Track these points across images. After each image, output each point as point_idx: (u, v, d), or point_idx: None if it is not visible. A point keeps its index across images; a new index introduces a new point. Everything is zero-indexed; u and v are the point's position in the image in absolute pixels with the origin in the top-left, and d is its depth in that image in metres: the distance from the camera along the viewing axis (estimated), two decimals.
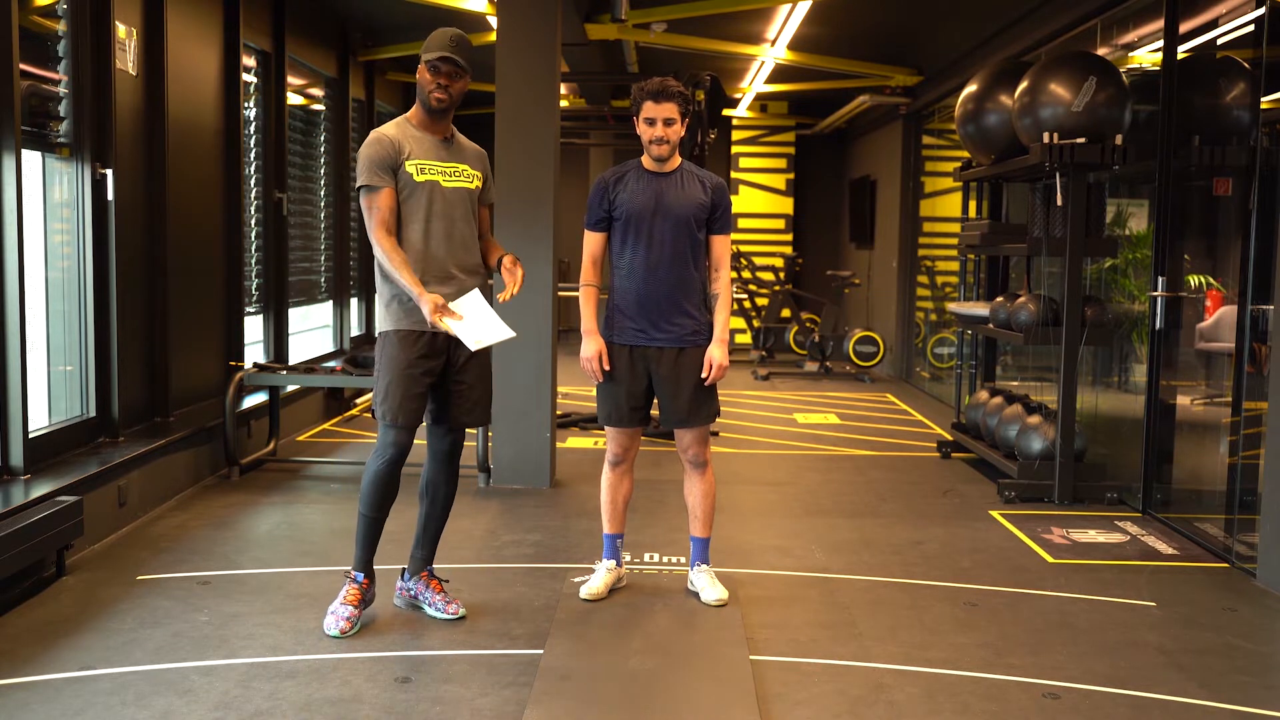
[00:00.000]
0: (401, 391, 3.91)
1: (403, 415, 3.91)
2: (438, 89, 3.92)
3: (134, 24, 5.76)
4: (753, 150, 14.61)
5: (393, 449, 3.95)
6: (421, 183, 3.92)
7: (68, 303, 5.41)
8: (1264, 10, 5.25)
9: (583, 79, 10.60)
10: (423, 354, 3.94)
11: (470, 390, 4.04)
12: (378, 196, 3.88)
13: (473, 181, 4.04)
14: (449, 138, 4.04)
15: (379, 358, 4.00)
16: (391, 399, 3.92)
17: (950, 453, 7.47)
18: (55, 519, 4.35)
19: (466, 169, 4.03)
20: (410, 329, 3.93)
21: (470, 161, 4.07)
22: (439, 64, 3.90)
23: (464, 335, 3.80)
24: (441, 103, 3.94)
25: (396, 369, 3.92)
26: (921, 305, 11.55)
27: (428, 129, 4.00)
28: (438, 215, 3.94)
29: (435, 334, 3.93)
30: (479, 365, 4.06)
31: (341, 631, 3.89)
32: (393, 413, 3.91)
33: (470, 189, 4.03)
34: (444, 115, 4.00)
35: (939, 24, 9.39)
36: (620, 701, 3.40)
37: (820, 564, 4.93)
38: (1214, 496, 5.84)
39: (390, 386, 3.93)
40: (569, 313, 10.06)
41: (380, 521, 4.03)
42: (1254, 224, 5.06)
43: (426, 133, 4.00)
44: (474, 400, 4.06)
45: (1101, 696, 3.53)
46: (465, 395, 4.04)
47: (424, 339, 3.94)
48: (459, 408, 4.04)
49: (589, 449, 7.48)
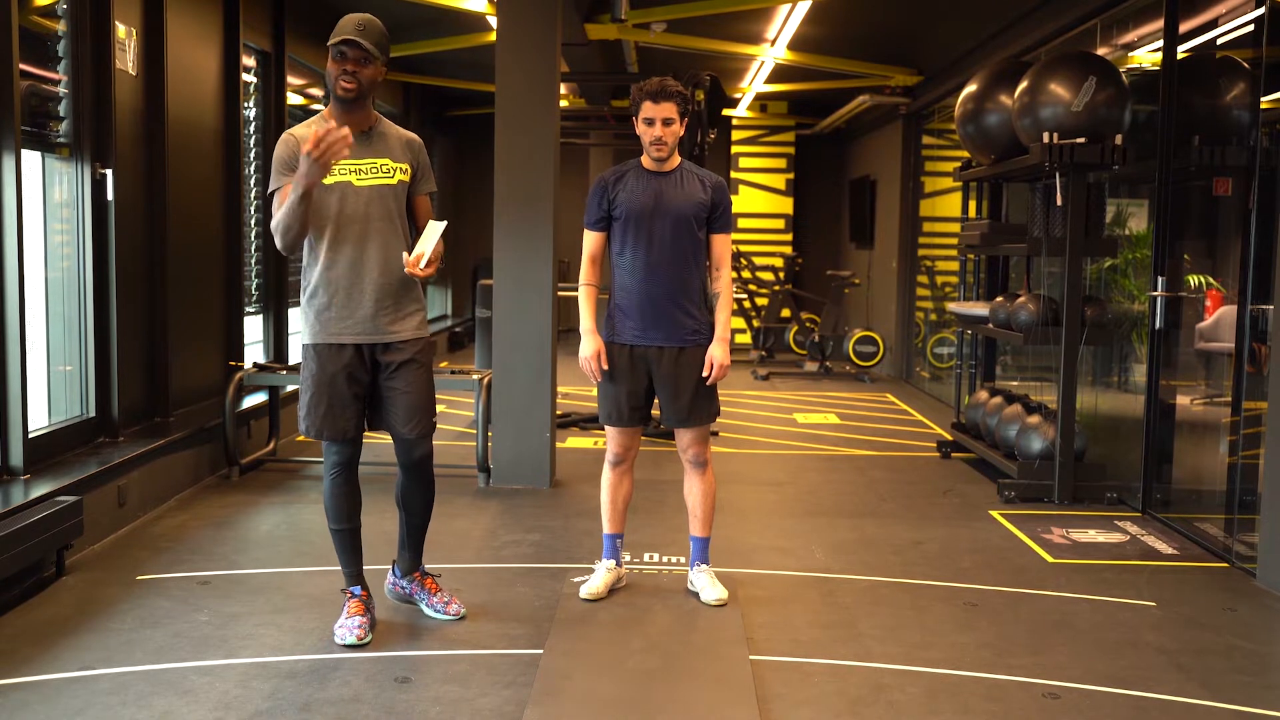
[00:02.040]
0: (324, 405, 3.80)
1: (327, 429, 3.81)
2: (344, 76, 3.69)
3: (134, 24, 5.76)
4: (752, 150, 14.61)
5: (333, 458, 3.88)
6: (331, 184, 3.71)
7: (67, 303, 5.41)
8: (1264, 10, 5.24)
9: (583, 79, 10.60)
10: (347, 365, 3.80)
11: (405, 397, 3.86)
12: (281, 197, 3.70)
13: (394, 176, 3.81)
14: (368, 130, 3.80)
15: (301, 372, 3.88)
16: (314, 414, 3.81)
17: (950, 453, 7.48)
18: (55, 519, 4.34)
19: (387, 163, 3.80)
20: (327, 342, 3.80)
21: (394, 154, 3.84)
22: (344, 49, 3.68)
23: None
24: (349, 91, 3.70)
25: (318, 383, 3.80)
26: (921, 305, 11.55)
27: (341, 124, 3.65)
28: (350, 219, 3.75)
29: (358, 346, 3.81)
30: (413, 370, 3.87)
31: (358, 639, 3.80)
32: (315, 428, 3.82)
33: (390, 184, 3.80)
34: (356, 105, 3.76)
35: (939, 24, 9.39)
36: (620, 701, 3.40)
37: (820, 564, 4.93)
38: (1214, 496, 5.84)
39: (312, 401, 3.81)
40: (569, 313, 10.05)
41: (351, 532, 3.95)
42: (1254, 224, 5.06)
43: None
44: (410, 407, 3.87)
45: (1102, 696, 3.53)
46: (400, 402, 3.86)
47: (347, 350, 3.79)
48: (396, 416, 3.88)
49: (589, 449, 7.48)
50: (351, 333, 3.80)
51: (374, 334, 3.82)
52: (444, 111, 13.48)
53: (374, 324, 3.81)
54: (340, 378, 3.80)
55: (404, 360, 3.86)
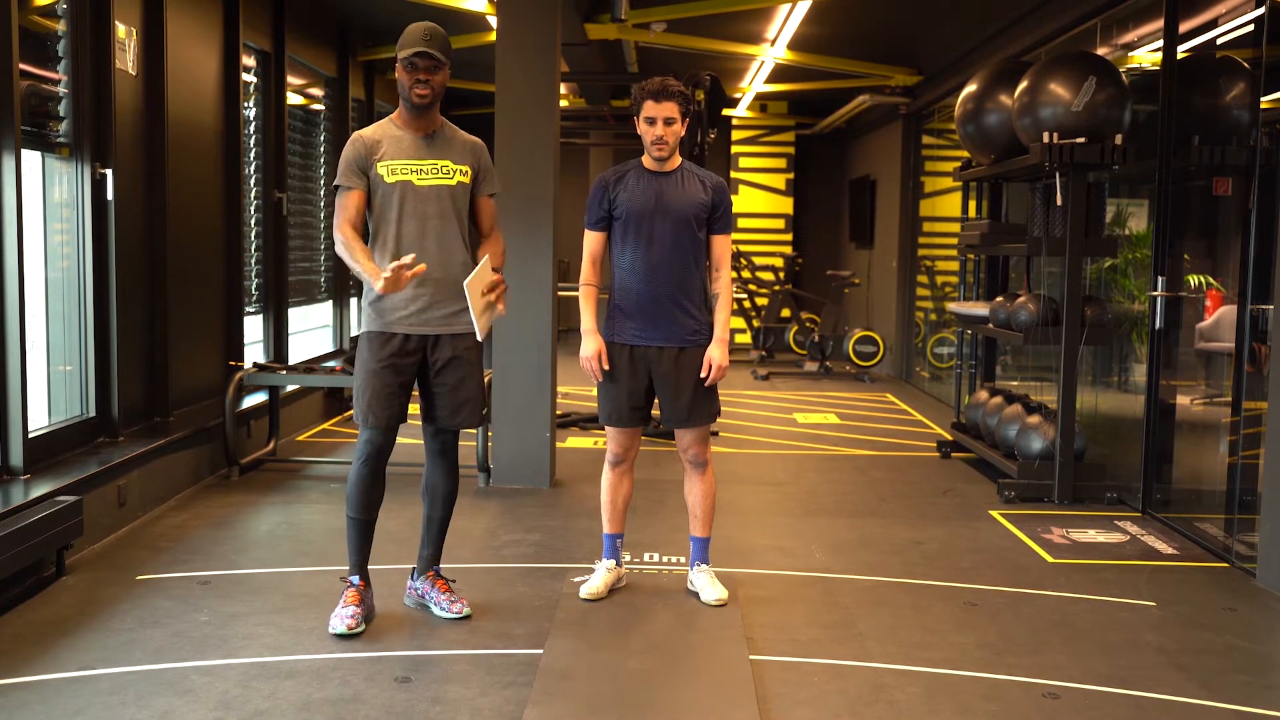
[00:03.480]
0: (371, 392, 3.92)
1: (372, 416, 3.92)
2: (418, 84, 3.91)
3: (134, 24, 5.76)
4: (753, 150, 14.61)
5: (368, 448, 3.97)
6: (393, 184, 3.91)
7: (67, 303, 5.41)
8: (1264, 10, 5.25)
9: (583, 79, 10.60)
10: (393, 354, 3.92)
11: (451, 393, 4.00)
12: (345, 197, 3.92)
13: (454, 177, 3.98)
14: (433, 134, 4.01)
15: (356, 359, 4.03)
16: (362, 400, 3.94)
17: (950, 453, 7.48)
18: (55, 519, 4.34)
19: (448, 164, 3.98)
20: (380, 330, 3.94)
21: (456, 156, 4.02)
22: (415, 60, 3.89)
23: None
24: (424, 98, 3.92)
25: (367, 370, 3.94)
26: (921, 305, 11.55)
27: (410, 126, 3.99)
28: (409, 216, 3.92)
29: (407, 335, 3.93)
30: (461, 367, 4.00)
31: (349, 628, 3.86)
32: (363, 413, 3.94)
33: (449, 185, 3.97)
34: (427, 110, 3.98)
35: (939, 24, 9.39)
36: (620, 701, 3.40)
37: (820, 564, 4.93)
38: (1214, 496, 5.85)
39: (362, 387, 3.94)
40: (569, 313, 10.05)
41: (367, 523, 4.03)
42: (1254, 224, 5.06)
43: (408, 130, 3.99)
44: (458, 402, 4.01)
45: (1102, 696, 3.53)
46: (446, 397, 4.01)
47: (395, 340, 3.93)
48: (441, 409, 4.02)
49: (589, 449, 7.48)
50: (404, 324, 3.93)
51: (423, 326, 3.95)
52: (444, 111, 13.43)
53: (424, 316, 3.95)
54: (387, 366, 3.92)
55: (452, 356, 3.98)
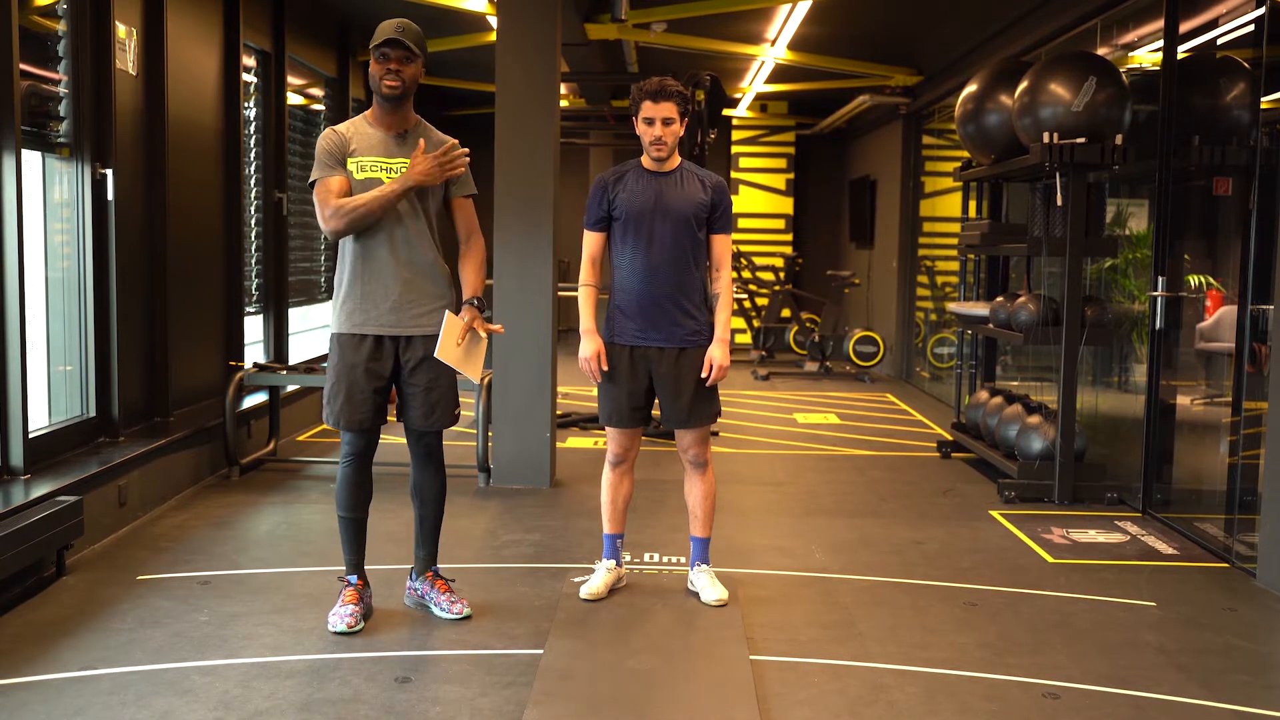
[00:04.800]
0: (343, 396, 3.90)
1: (344, 418, 3.91)
2: (389, 75, 3.86)
3: (134, 24, 5.76)
4: (753, 150, 14.61)
5: (347, 448, 3.98)
6: (362, 180, 3.87)
7: (68, 302, 5.41)
8: (1264, 10, 5.25)
9: (583, 79, 10.60)
10: (366, 358, 3.90)
11: (425, 394, 3.96)
12: (329, 181, 3.84)
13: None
14: (405, 132, 3.96)
15: (328, 362, 4.01)
16: (334, 403, 3.93)
17: (950, 453, 7.48)
18: (55, 519, 4.35)
19: None
20: (350, 332, 3.91)
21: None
22: (387, 50, 3.85)
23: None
24: (394, 89, 3.86)
25: (336, 373, 3.92)
26: (921, 305, 11.55)
27: (382, 124, 3.94)
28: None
29: (379, 337, 3.91)
30: (433, 367, 3.95)
31: (348, 626, 3.88)
32: (335, 415, 3.93)
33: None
34: (399, 104, 3.93)
35: (939, 24, 9.39)
36: (620, 701, 3.40)
37: (820, 564, 4.93)
38: (1214, 496, 5.84)
39: (333, 391, 3.93)
40: (569, 313, 10.05)
41: (357, 521, 4.03)
42: (1254, 224, 5.06)
43: (379, 128, 3.95)
44: (431, 403, 3.97)
45: (1101, 696, 3.53)
46: (420, 398, 3.97)
47: (366, 342, 3.90)
48: (414, 411, 4.00)
49: (589, 449, 7.48)
50: (374, 324, 3.90)
51: (394, 327, 3.92)
52: (444, 111, 13.46)
53: (395, 317, 3.91)
54: (360, 369, 3.90)
55: (424, 357, 3.94)
